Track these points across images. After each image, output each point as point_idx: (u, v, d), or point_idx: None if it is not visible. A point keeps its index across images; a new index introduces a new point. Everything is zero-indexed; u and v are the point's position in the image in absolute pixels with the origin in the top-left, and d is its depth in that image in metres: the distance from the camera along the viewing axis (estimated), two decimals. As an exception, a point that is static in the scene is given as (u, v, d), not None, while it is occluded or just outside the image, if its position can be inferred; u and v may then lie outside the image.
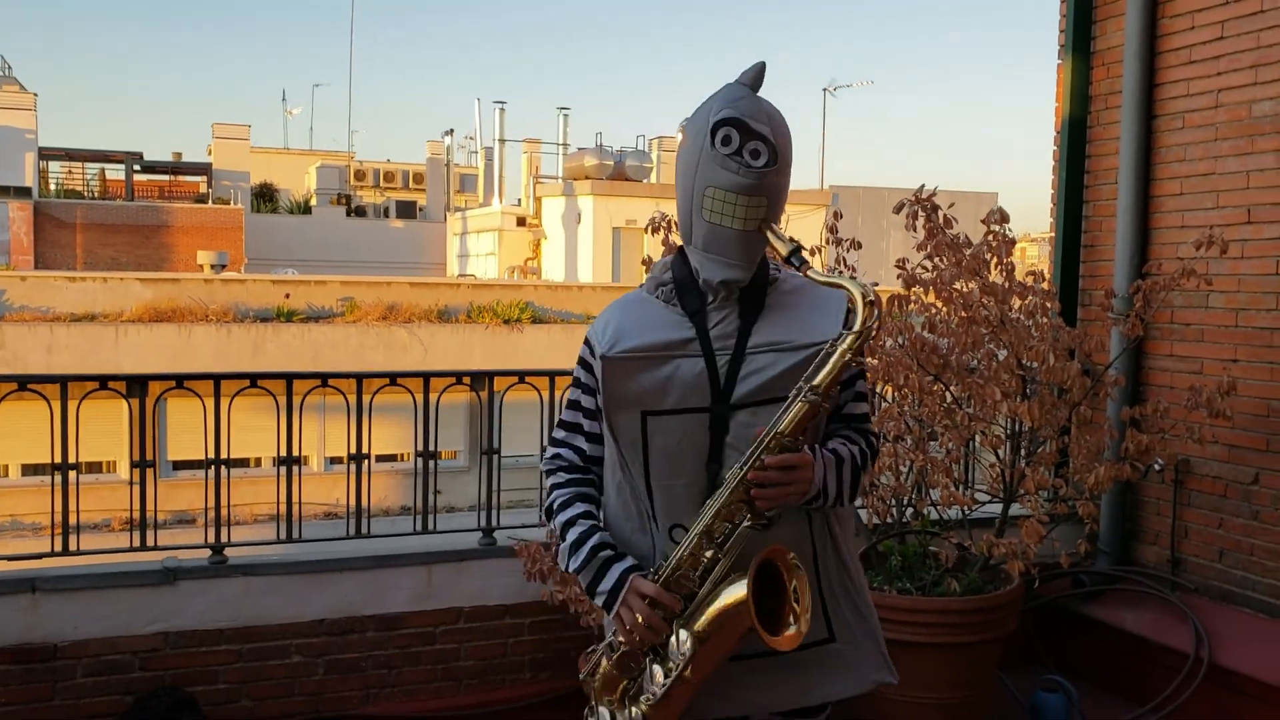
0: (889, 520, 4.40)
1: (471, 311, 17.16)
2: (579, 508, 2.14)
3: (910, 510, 4.50)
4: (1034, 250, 27.11)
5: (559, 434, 2.23)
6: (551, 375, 4.46)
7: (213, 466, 4.05)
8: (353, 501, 4.23)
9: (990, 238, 4.19)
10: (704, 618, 1.97)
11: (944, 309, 4.26)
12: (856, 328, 1.96)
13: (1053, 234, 5.31)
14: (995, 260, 4.19)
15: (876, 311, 1.97)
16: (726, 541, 1.98)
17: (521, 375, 4.49)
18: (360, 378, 4.29)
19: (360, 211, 34.98)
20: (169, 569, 3.86)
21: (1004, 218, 4.18)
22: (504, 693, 4.19)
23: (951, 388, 4.20)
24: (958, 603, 4.03)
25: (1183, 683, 4.20)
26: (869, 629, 2.16)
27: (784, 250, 2.01)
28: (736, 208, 2.00)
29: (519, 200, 30.15)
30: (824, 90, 36.84)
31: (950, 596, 4.06)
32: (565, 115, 31.26)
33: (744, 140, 1.98)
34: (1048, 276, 5.03)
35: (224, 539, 4.00)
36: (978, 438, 4.47)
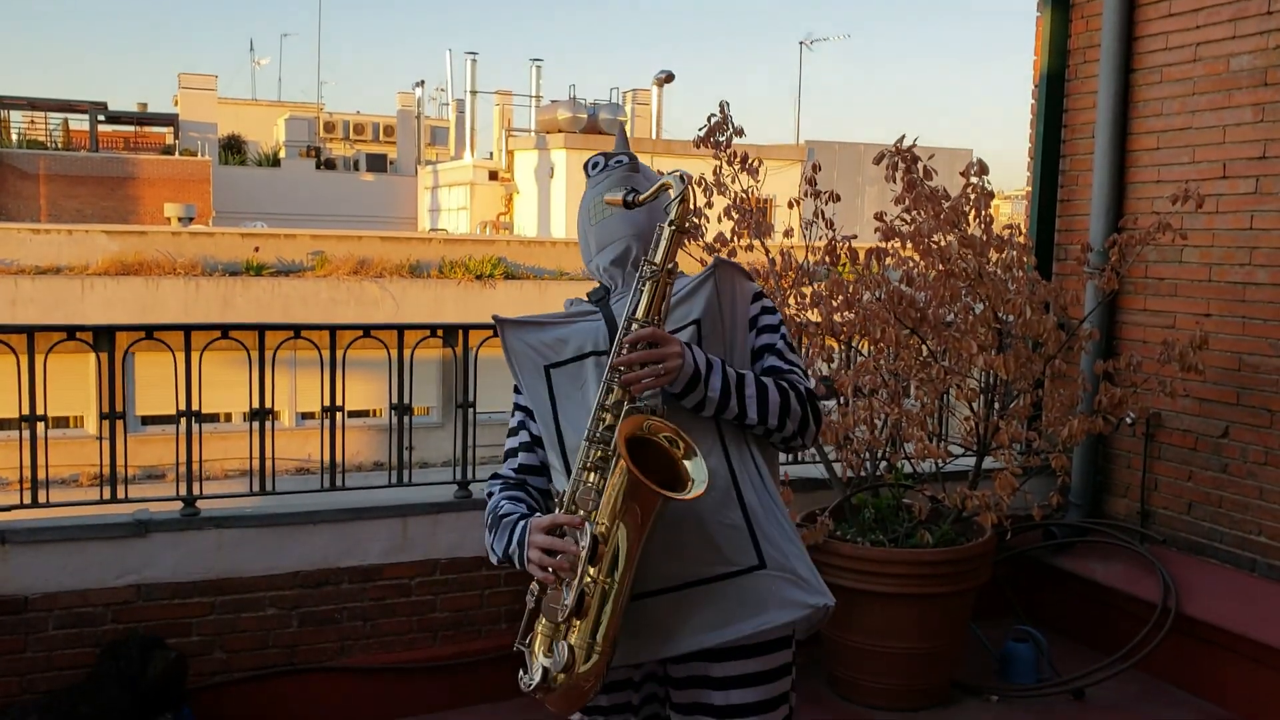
0: (863, 473, 4.42)
1: (443, 267, 17.04)
2: (497, 500, 2.17)
3: (884, 463, 4.52)
4: (1008, 208, 27.17)
5: (502, 459, 2.26)
6: (527, 328, 4.42)
7: (184, 419, 4.00)
8: (326, 456, 4.20)
9: (969, 190, 4.18)
10: (607, 511, 1.91)
11: (921, 262, 4.26)
12: (673, 196, 2.05)
13: (1029, 190, 5.31)
14: (974, 213, 4.19)
15: (687, 182, 2.08)
16: (613, 438, 1.93)
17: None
18: (334, 329, 4.24)
19: (330, 164, 34.55)
20: (140, 521, 3.83)
21: (983, 170, 4.17)
22: (480, 644, 4.19)
23: (928, 341, 4.21)
24: (930, 554, 4.07)
25: (1150, 632, 4.27)
26: (799, 553, 2.10)
27: (618, 197, 2.12)
28: (611, 195, 2.15)
29: (491, 154, 29.86)
30: (800, 44, 36.54)
31: (923, 548, 4.09)
32: (538, 67, 30.92)
33: (608, 159, 2.28)
34: (1024, 230, 5.03)
35: (196, 492, 3.97)
36: (952, 391, 4.49)
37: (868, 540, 4.15)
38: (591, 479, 1.96)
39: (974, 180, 4.19)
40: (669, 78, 29.78)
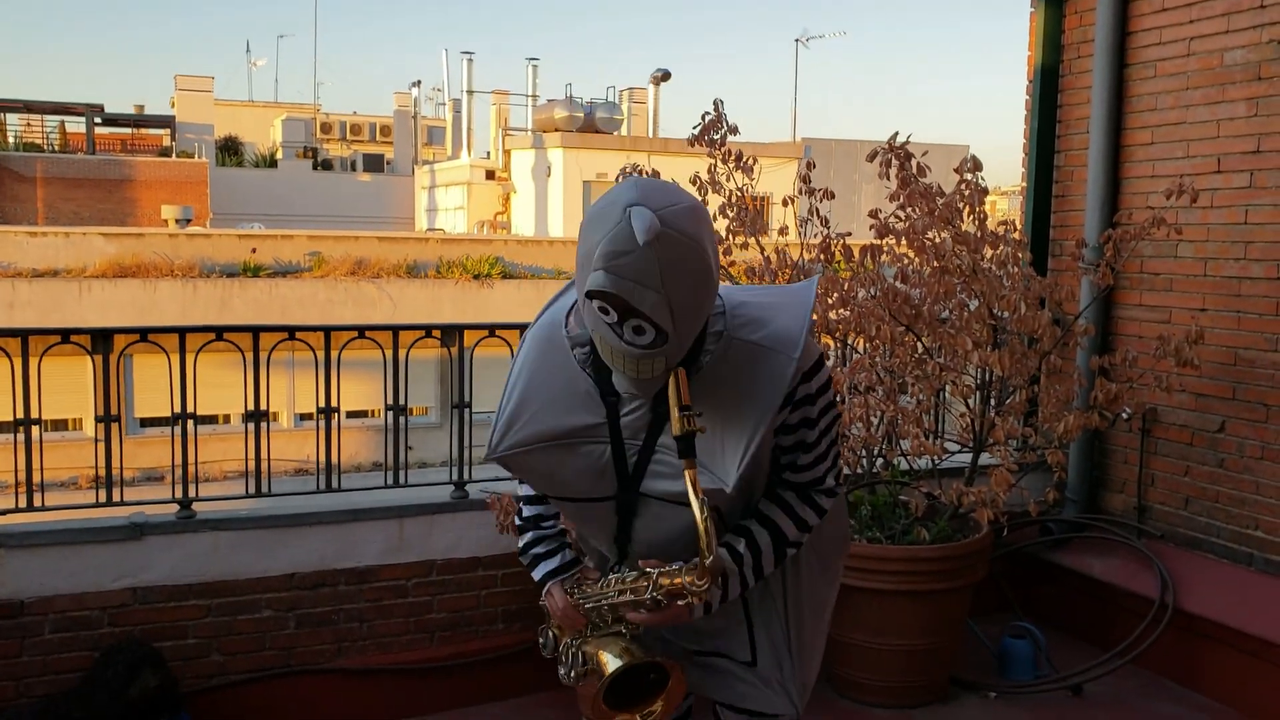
0: (859, 470, 4.42)
1: (440, 267, 17.02)
2: (531, 510, 2.26)
3: (880, 460, 4.52)
4: (1003, 204, 27.19)
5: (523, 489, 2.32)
6: (523, 329, 4.41)
7: (179, 421, 4.00)
8: (322, 456, 4.20)
9: (963, 186, 4.18)
10: (588, 649, 2.11)
11: (916, 259, 4.25)
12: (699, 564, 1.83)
13: (1024, 185, 5.31)
14: (968, 209, 4.19)
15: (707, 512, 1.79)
16: (619, 619, 2.05)
17: (492, 329, 4.45)
18: (328, 330, 4.24)
19: (326, 165, 34.56)
20: (136, 524, 3.82)
21: (977, 166, 4.17)
22: (477, 644, 4.19)
23: (923, 338, 4.21)
24: (927, 551, 4.07)
25: (1148, 628, 4.27)
26: (793, 665, 2.20)
27: (676, 429, 1.77)
28: (626, 361, 1.77)
29: (488, 153, 29.85)
30: (796, 41, 36.57)
31: (920, 545, 4.09)
32: (534, 66, 30.94)
33: (623, 317, 1.70)
34: (1019, 226, 5.03)
35: (192, 494, 3.97)
36: (948, 388, 4.49)
37: (865, 537, 4.15)
38: (598, 618, 2.09)
39: (968, 177, 4.18)
40: (665, 76, 29.77)
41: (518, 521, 2.29)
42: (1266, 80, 4.19)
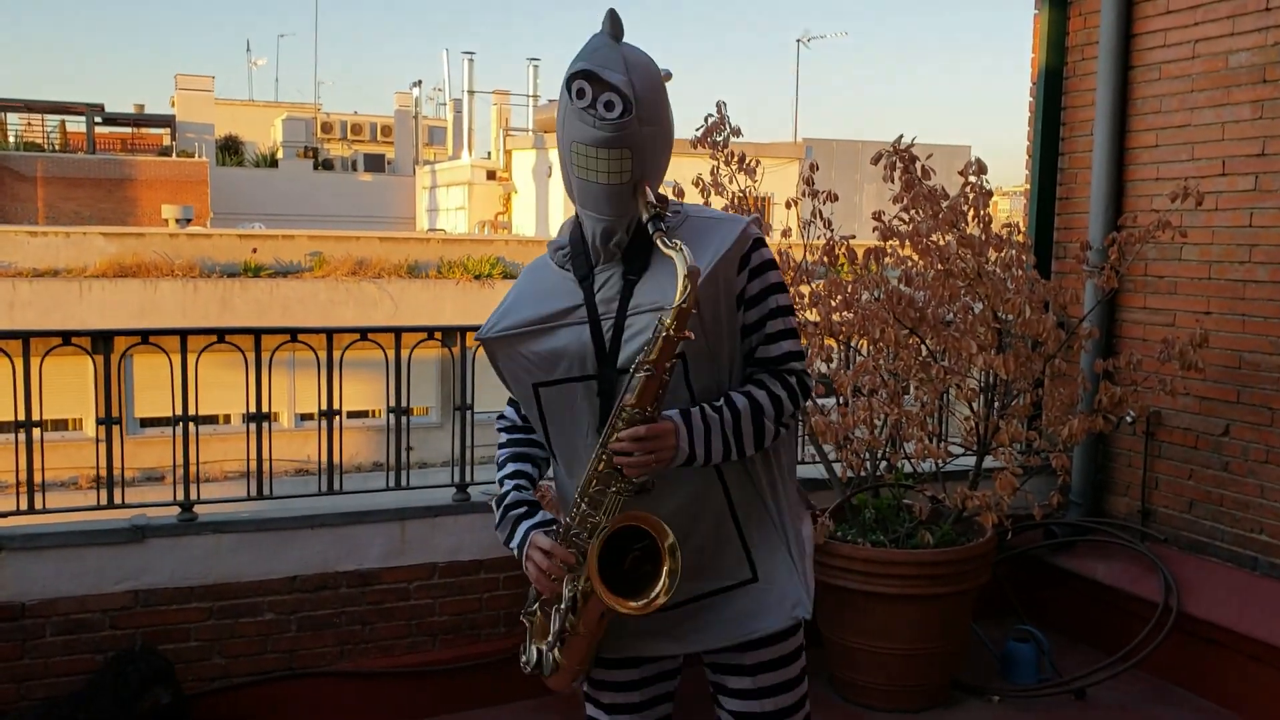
0: (863, 473, 4.41)
1: (442, 267, 17.02)
2: (510, 468, 2.23)
3: (884, 463, 4.50)
4: (1006, 204, 27.16)
5: (508, 410, 2.30)
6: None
7: (181, 423, 3.99)
8: (324, 458, 4.19)
9: (968, 189, 4.17)
10: (584, 576, 2.04)
11: (920, 262, 4.24)
12: (675, 301, 1.91)
13: (1027, 187, 5.30)
14: (972, 212, 4.17)
15: (689, 287, 1.90)
16: (605, 503, 2.01)
17: (494, 330, 4.44)
18: (330, 333, 4.23)
19: (327, 165, 34.56)
20: (138, 527, 3.81)
21: (982, 169, 4.16)
22: (479, 647, 4.18)
23: (927, 341, 4.20)
24: (931, 554, 4.05)
25: (1152, 631, 4.25)
26: (790, 565, 2.19)
27: (644, 214, 1.98)
28: (598, 161, 1.97)
29: (489, 153, 29.86)
30: (797, 41, 36.53)
31: (924, 548, 4.08)
32: (535, 66, 30.96)
33: (597, 92, 1.94)
34: (1023, 229, 5.02)
35: (193, 496, 3.96)
36: (952, 391, 4.48)
37: (868, 541, 4.14)
38: (583, 533, 2.04)
39: (972, 179, 4.17)
40: (667, 76, 29.64)
41: (497, 477, 2.25)
42: (1272, 83, 4.18)
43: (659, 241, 1.96)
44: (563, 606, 2.08)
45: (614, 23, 1.99)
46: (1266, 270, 4.22)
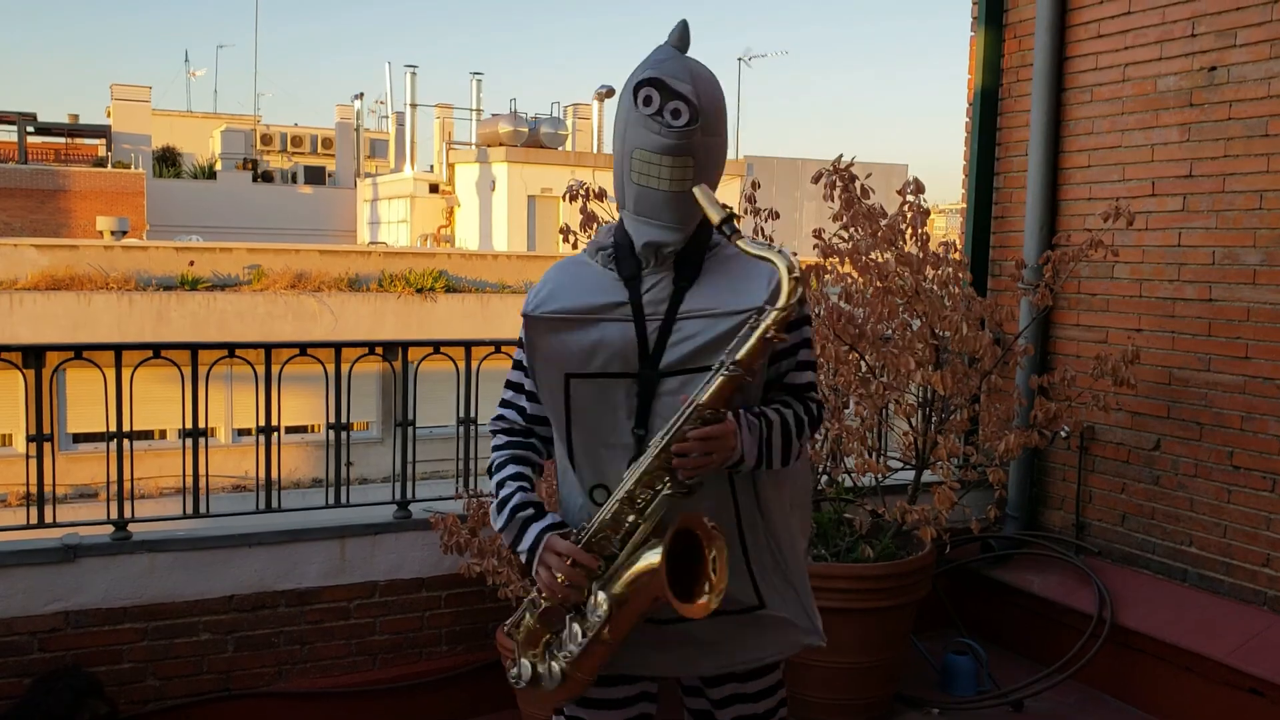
0: (805, 488, 4.44)
1: (383, 280, 16.87)
2: (510, 469, 2.18)
3: (825, 478, 4.54)
4: (942, 221, 27.55)
5: (505, 394, 2.26)
6: (467, 345, 4.39)
7: (115, 440, 3.91)
8: (262, 475, 4.13)
9: (906, 208, 4.23)
10: (621, 580, 2.00)
11: (859, 279, 4.29)
12: (781, 303, 1.96)
13: (963, 205, 5.39)
14: (910, 230, 4.23)
15: (800, 289, 1.96)
16: (647, 507, 1.99)
17: (436, 345, 4.42)
18: (269, 348, 4.18)
19: (267, 177, 34.12)
20: (69, 546, 3.73)
21: (919, 188, 4.22)
22: (421, 666, 4.14)
23: (866, 357, 4.24)
24: (872, 568, 4.09)
25: (1087, 643, 4.33)
26: (797, 594, 2.21)
27: (715, 216, 2.00)
28: (660, 168, 2.00)
29: (431, 167, 29.70)
30: (739, 60, 36.88)
31: (864, 562, 4.11)
32: (479, 80, 30.82)
33: (664, 100, 1.98)
34: (959, 247, 5.10)
35: (127, 514, 3.88)
36: (891, 406, 4.53)
37: (809, 555, 4.16)
38: (615, 535, 2.01)
39: (910, 199, 4.23)
40: (610, 92, 29.82)
41: (492, 479, 2.20)
42: (1198, 107, 4.30)
43: (741, 244, 1.98)
44: (592, 615, 2.01)
45: (682, 35, 2.04)
46: (1194, 289, 4.33)
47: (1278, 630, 3.98)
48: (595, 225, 4.05)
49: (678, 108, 1.98)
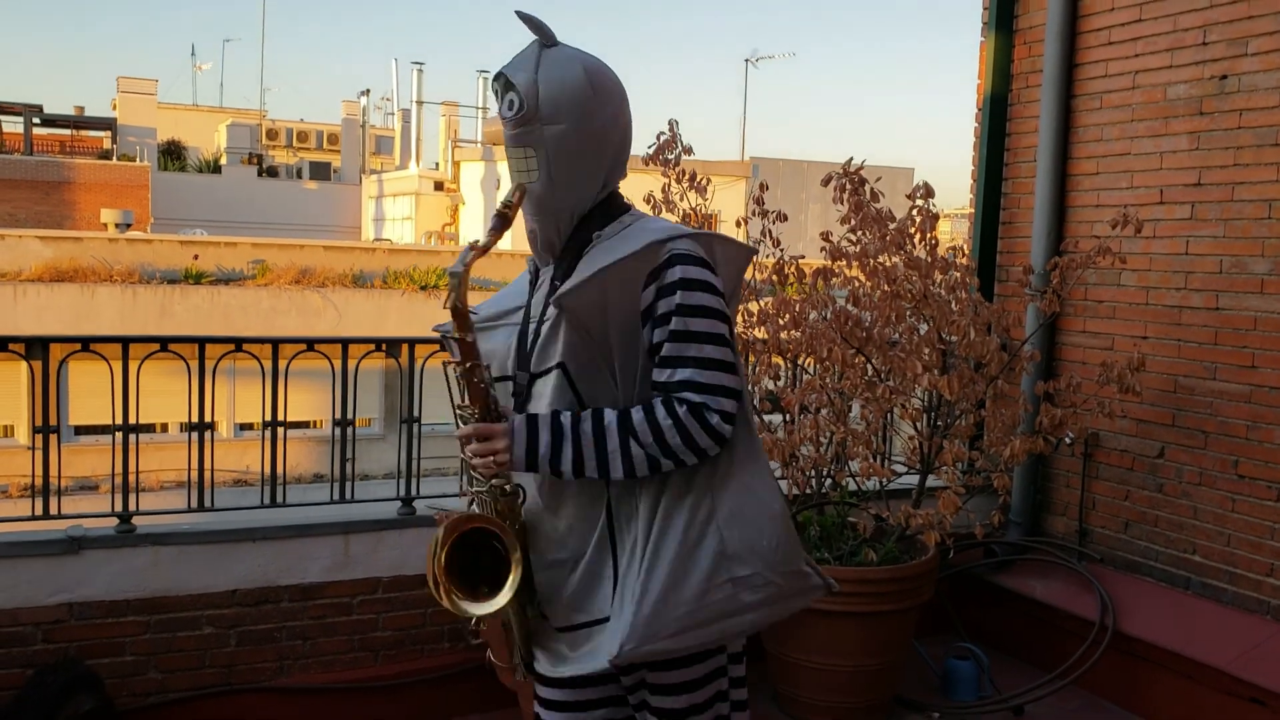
0: (809, 491, 4.44)
1: (387, 277, 16.90)
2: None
3: (830, 481, 4.54)
4: (947, 226, 27.56)
5: None
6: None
7: (120, 433, 3.91)
8: (267, 469, 4.13)
9: (915, 212, 4.23)
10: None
11: (867, 283, 4.29)
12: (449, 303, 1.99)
13: (970, 209, 5.38)
14: (919, 235, 4.24)
15: (455, 285, 1.96)
16: (494, 504, 2.06)
17: (442, 343, 4.41)
18: (275, 343, 4.18)
19: (272, 172, 34.17)
20: (73, 538, 3.73)
21: (929, 192, 4.22)
22: (422, 663, 4.14)
23: (873, 360, 4.25)
24: (875, 572, 4.09)
25: (1089, 649, 4.33)
26: (636, 606, 1.97)
27: (498, 202, 2.06)
28: (512, 160, 2.04)
29: (436, 164, 29.74)
30: (746, 61, 36.89)
31: (867, 566, 4.11)
32: (485, 78, 30.85)
33: (503, 94, 2.02)
34: (966, 252, 5.10)
35: (132, 507, 3.88)
36: (897, 410, 4.53)
37: (813, 558, 4.16)
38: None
39: (919, 203, 4.23)
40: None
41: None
42: (1208, 115, 4.30)
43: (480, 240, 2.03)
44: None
45: (535, 27, 2.03)
46: (1201, 297, 4.32)
47: (1280, 640, 3.98)
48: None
49: (511, 99, 2.00)
